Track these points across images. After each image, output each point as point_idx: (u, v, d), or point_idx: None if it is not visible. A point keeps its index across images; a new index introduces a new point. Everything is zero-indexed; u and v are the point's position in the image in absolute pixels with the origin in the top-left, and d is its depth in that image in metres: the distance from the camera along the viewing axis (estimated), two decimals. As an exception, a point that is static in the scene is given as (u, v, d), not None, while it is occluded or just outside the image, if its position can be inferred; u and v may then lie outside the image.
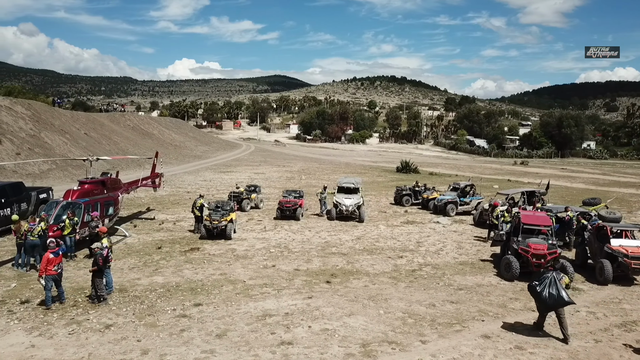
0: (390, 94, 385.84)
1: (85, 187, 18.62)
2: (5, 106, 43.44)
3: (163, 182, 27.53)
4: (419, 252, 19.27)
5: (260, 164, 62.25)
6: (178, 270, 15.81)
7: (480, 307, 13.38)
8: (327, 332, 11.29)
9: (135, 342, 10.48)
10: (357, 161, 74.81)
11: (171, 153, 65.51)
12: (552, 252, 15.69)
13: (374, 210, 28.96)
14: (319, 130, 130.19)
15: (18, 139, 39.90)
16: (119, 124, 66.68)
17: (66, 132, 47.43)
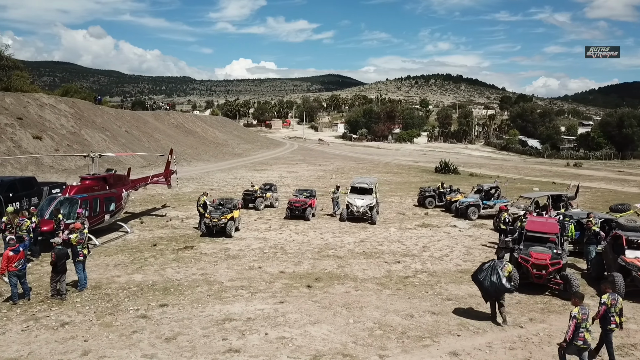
0: (445, 93, 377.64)
1: (86, 183, 18.88)
2: (50, 104, 45.54)
3: (176, 180, 27.69)
4: (421, 258, 18.25)
5: (297, 162, 62.14)
6: (161, 268, 15.67)
7: (463, 320, 12.35)
8: (282, 341, 10.70)
9: (82, 342, 10.31)
10: (398, 161, 73.30)
11: (212, 151, 66.65)
12: (554, 262, 14.32)
13: (392, 212, 27.98)
14: (365, 129, 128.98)
15: (58, 135, 41.67)
16: (162, 121, 68.55)
17: (107, 129, 49.14)
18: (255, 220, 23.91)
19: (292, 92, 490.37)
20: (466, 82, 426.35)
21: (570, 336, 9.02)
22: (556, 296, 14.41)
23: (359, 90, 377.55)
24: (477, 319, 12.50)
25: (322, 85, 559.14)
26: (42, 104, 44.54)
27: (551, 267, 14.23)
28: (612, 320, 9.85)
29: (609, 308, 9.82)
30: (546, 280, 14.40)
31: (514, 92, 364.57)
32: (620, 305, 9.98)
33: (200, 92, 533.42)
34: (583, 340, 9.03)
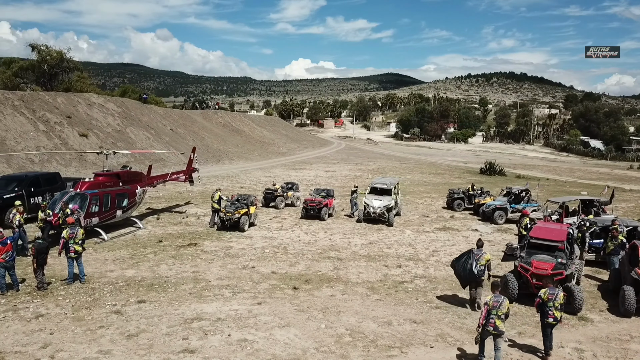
0: (507, 92, 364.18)
1: (99, 179, 19.50)
2: (99, 104, 47.74)
3: (199, 178, 28.11)
4: (426, 262, 17.48)
5: (339, 162, 61.79)
6: (156, 265, 15.87)
7: (444, 331, 11.65)
8: (242, 343, 10.48)
9: (47, 334, 10.55)
10: (446, 161, 71.30)
11: (256, 149, 67.57)
12: (556, 272, 13.23)
13: (416, 214, 27.09)
14: (418, 129, 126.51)
15: (104, 133, 43.60)
16: (210, 120, 70.24)
17: (152, 127, 50.90)
18: (271, 219, 23.85)
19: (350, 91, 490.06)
20: (530, 81, 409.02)
21: (482, 322, 9.66)
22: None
23: (416, 89, 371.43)
24: (459, 330, 11.76)
25: (380, 84, 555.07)
26: (91, 103, 46.76)
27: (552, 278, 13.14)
28: (550, 314, 10.15)
29: (546, 302, 10.18)
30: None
31: (582, 90, 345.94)
32: (560, 300, 10.22)
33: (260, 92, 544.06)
34: (494, 327, 9.56)
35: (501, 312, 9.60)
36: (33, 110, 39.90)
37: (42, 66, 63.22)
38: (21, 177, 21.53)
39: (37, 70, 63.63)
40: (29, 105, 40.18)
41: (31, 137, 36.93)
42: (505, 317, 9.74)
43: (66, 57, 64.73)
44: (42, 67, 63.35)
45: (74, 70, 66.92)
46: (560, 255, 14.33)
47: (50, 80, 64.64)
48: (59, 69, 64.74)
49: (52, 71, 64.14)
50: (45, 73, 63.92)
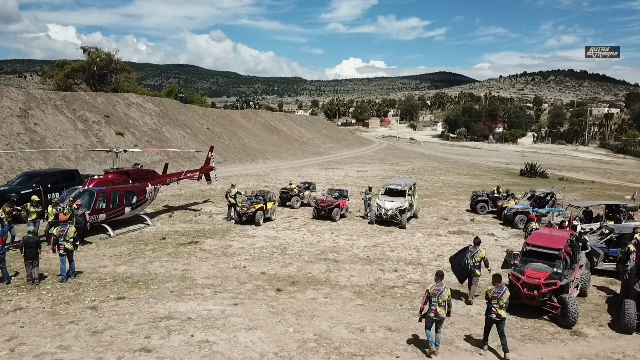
0: (565, 90, 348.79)
1: (109, 176, 20.02)
2: (137, 103, 49.31)
3: (215, 177, 28.38)
4: (426, 267, 16.82)
5: (374, 162, 61.02)
6: (150, 262, 16.07)
7: (418, 341, 11.10)
8: (202, 345, 10.38)
9: (18, 327, 10.84)
10: (489, 162, 68.97)
11: (293, 149, 67.84)
12: (549, 282, 12.35)
13: (435, 216, 26.23)
14: (464, 128, 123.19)
15: (140, 132, 44.98)
16: (249, 120, 71.14)
17: (188, 127, 52.07)
18: (282, 218, 23.74)
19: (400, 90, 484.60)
20: (591, 79, 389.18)
21: (422, 307, 10.48)
22: (554, 321, 12.45)
23: (468, 87, 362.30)
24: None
25: (431, 83, 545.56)
26: (130, 102, 48.36)
27: (544, 288, 12.30)
28: (493, 311, 10.46)
29: (491, 300, 10.53)
30: (539, 303, 12.49)
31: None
32: (505, 299, 10.45)
33: (309, 92, 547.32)
34: (435, 313, 10.30)
35: (442, 300, 10.25)
36: (73, 110, 41.69)
37: (92, 67, 66.08)
38: (40, 173, 22.48)
39: (87, 72, 66.61)
40: (70, 105, 42.01)
41: (69, 135, 38.59)
42: (446, 304, 10.40)
43: (114, 59, 67.50)
44: (91, 69, 66.23)
45: (121, 71, 69.65)
46: (560, 264, 13.41)
47: (99, 81, 67.52)
48: (107, 70, 67.55)
49: (101, 72, 66.93)
50: (94, 74, 66.82)
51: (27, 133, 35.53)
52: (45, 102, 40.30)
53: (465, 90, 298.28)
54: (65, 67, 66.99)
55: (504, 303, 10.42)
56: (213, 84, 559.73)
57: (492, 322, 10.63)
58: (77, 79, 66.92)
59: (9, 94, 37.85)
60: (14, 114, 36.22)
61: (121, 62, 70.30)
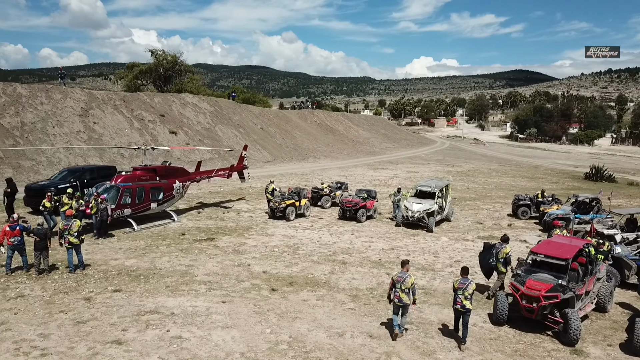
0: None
1: (136, 173, 20.83)
2: (193, 103, 51.11)
3: (248, 175, 28.70)
4: (438, 273, 16.06)
5: (429, 162, 59.45)
6: (160, 257, 16.49)
7: (395, 349, 10.63)
8: (174, 340, 10.50)
9: (12, 314, 11.47)
10: (555, 164, 65.13)
11: (347, 149, 67.56)
12: (550, 295, 11.35)
13: (471, 220, 25.05)
14: (535, 129, 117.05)
15: (192, 131, 46.59)
16: (306, 120, 71.66)
17: (241, 126, 53.26)
18: (308, 218, 23.65)
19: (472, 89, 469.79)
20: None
21: (389, 292, 11.11)
22: (557, 338, 11.45)
23: (545, 86, 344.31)
24: (414, 350, 10.64)
25: (506, 81, 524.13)
26: (185, 102, 50.22)
27: (544, 301, 11.33)
28: (458, 301, 10.76)
29: (457, 290, 10.84)
30: (539, 316, 11.53)
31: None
32: (470, 291, 10.73)
33: (378, 91, 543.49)
34: (398, 299, 10.86)
35: (404, 287, 10.81)
36: (131, 109, 43.92)
37: (159, 69, 69.42)
38: (79, 169, 23.81)
39: (153, 73, 70.09)
40: (128, 105, 44.30)
41: (125, 133, 40.69)
42: (410, 291, 10.89)
43: (179, 61, 70.54)
44: (158, 70, 69.58)
45: (186, 72, 72.67)
46: (570, 275, 12.33)
47: (165, 82, 70.88)
48: (172, 72, 70.74)
49: (167, 74, 70.20)
50: (160, 76, 70.19)
51: (86, 131, 37.84)
52: (106, 102, 42.72)
53: (542, 88, 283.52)
54: (134, 69, 70.87)
55: (469, 294, 10.71)
56: (283, 85, 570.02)
57: (458, 313, 10.92)
58: (144, 80, 70.68)
59: (73, 95, 40.50)
60: (76, 113, 38.70)
61: (185, 64, 73.24)
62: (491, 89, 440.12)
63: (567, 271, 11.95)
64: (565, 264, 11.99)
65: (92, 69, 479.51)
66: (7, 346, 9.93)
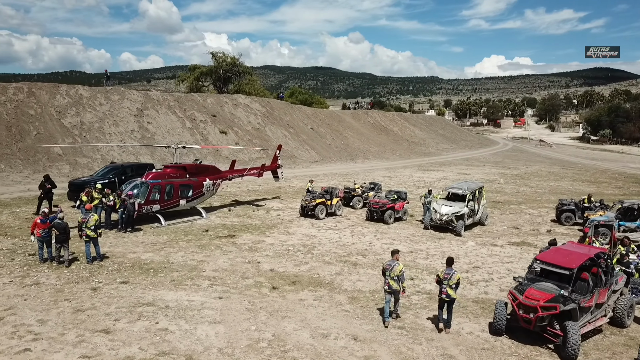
0: None
1: (167, 170, 21.65)
2: (244, 104, 52.34)
3: (282, 174, 28.90)
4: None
5: (485, 164, 57.35)
6: (176, 251, 17.01)
7: (377, 354, 10.38)
8: (159, 332, 10.81)
9: (22, 300, 12.29)
10: (625, 168, 60.71)
11: (400, 149, 66.55)
12: (548, 306, 10.61)
13: (507, 225, 23.92)
14: (609, 130, 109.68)
15: (243, 131, 47.71)
16: (359, 120, 71.34)
17: (291, 126, 53.87)
18: (334, 218, 23.56)
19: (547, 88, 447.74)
20: None
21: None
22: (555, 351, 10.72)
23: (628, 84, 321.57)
24: (397, 355, 10.33)
25: (584, 80, 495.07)
26: (237, 103, 51.52)
27: (541, 312, 10.61)
28: (444, 291, 11.27)
29: (442, 280, 11.36)
30: (538, 328, 10.82)
31: None
32: (454, 280, 11.22)
33: (446, 91, 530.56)
34: (388, 286, 11.61)
35: (393, 274, 11.52)
36: (184, 110, 45.69)
37: (218, 71, 71.76)
38: (119, 166, 25.06)
39: (214, 75, 72.54)
40: (182, 105, 46.12)
41: (177, 132, 42.38)
42: (398, 278, 11.63)
43: (237, 63, 72.56)
44: (218, 72, 71.92)
45: (244, 74, 74.59)
46: (580, 286, 11.50)
47: (224, 83, 73.18)
48: (231, 73, 72.89)
49: (226, 75, 72.43)
50: (220, 77, 72.53)
51: (140, 130, 39.79)
52: (161, 102, 44.72)
53: (623, 87, 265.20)
54: (196, 70, 73.66)
55: (453, 284, 11.20)
56: (349, 86, 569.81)
57: (443, 302, 11.36)
58: (205, 82, 73.30)
59: (129, 96, 42.73)
60: (131, 114, 40.81)
61: (244, 66, 75.18)
62: (567, 88, 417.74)
63: (571, 281, 11.11)
64: (570, 273, 11.15)
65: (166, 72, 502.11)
66: (6, 329, 10.64)
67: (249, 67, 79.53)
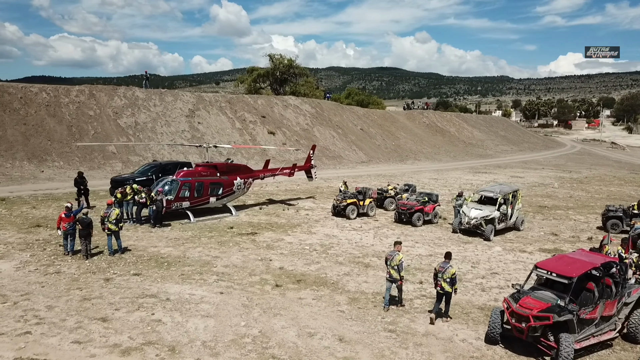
0: None
1: (198, 169, 22.41)
2: (294, 105, 53.01)
3: (315, 174, 28.96)
4: (462, 284, 14.92)
5: (544, 167, 54.68)
6: (194, 247, 17.56)
7: (358, 355, 10.27)
8: (152, 324, 11.25)
9: (39, 287, 13.21)
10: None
11: (456, 150, 64.77)
12: (541, 316, 10.04)
13: (545, 231, 22.75)
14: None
15: (290, 131, 48.35)
16: (414, 121, 70.17)
17: (340, 127, 53.91)
18: (362, 219, 23.42)
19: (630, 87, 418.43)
20: None
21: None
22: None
23: None
24: (375, 357, 10.19)
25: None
26: (287, 104, 52.26)
27: (533, 321, 10.06)
28: (439, 284, 11.77)
29: (437, 273, 11.84)
30: (530, 338, 10.27)
31: None
32: (448, 274, 11.63)
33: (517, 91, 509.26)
34: (389, 275, 12.47)
35: (393, 264, 12.32)
36: (235, 111, 46.99)
37: (275, 73, 73.22)
38: (156, 165, 26.23)
39: (271, 77, 74.09)
40: (232, 106, 47.46)
41: (226, 133, 43.68)
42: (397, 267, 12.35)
43: (294, 64, 73.65)
44: (274, 74, 73.40)
45: (300, 75, 75.58)
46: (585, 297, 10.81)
47: (281, 84, 74.54)
48: (287, 75, 74.13)
49: (282, 77, 73.77)
50: (277, 79, 73.96)
51: (190, 130, 41.37)
52: (213, 103, 46.26)
53: None
54: (253, 72, 75.52)
55: (447, 277, 11.59)
56: (414, 86, 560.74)
57: (439, 294, 11.85)
58: (262, 83, 74.98)
59: (182, 97, 44.54)
60: (183, 114, 42.52)
61: (300, 67, 76.21)
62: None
63: (569, 291, 10.42)
64: (569, 282, 10.46)
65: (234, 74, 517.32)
66: (16, 313, 11.50)
67: (306, 69, 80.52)
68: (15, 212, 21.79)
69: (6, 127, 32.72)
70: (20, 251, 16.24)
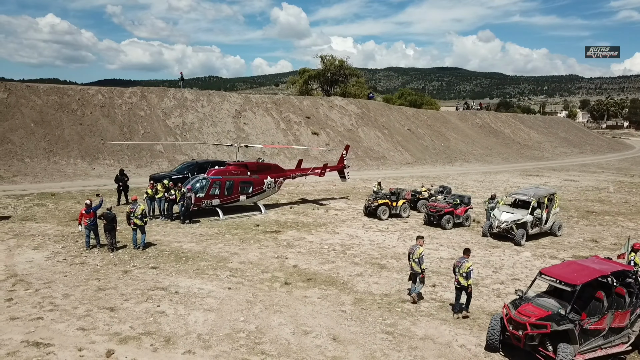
0: None
1: (229, 168, 22.95)
2: (340, 106, 53.02)
3: (348, 174, 28.77)
4: (477, 289, 14.44)
5: (604, 171, 51.64)
6: (216, 243, 18.02)
7: (348, 356, 10.22)
8: (154, 315, 11.69)
9: (62, 276, 14.03)
10: None
11: (509, 152, 62.41)
12: (539, 324, 9.56)
13: (586, 238, 21.57)
14: None
15: (334, 132, 48.40)
16: (466, 121, 68.26)
17: (386, 127, 53.35)
18: (391, 220, 23.13)
19: None
20: None
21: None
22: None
23: None
24: (366, 358, 10.08)
25: None
26: (333, 105, 52.35)
27: (530, 329, 9.61)
28: (455, 278, 12.19)
29: (454, 269, 12.24)
30: (528, 347, 9.81)
31: None
32: (465, 270, 11.89)
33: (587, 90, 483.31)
34: (411, 268, 12.99)
35: (414, 257, 12.78)
36: (280, 112, 47.66)
37: (326, 74, 73.68)
38: (192, 163, 27.06)
39: (321, 78, 74.61)
40: (278, 107, 48.16)
41: (271, 133, 44.39)
42: (419, 260, 12.81)
43: (344, 65, 73.75)
44: (325, 75, 73.87)
45: (351, 76, 75.55)
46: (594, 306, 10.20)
47: (331, 85, 74.85)
48: (338, 76, 74.36)
49: (333, 78, 74.12)
50: (327, 80, 74.38)
51: (235, 130, 42.38)
52: (259, 104, 47.16)
53: None
54: (305, 74, 76.27)
55: (463, 272, 11.91)
56: (476, 86, 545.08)
57: (457, 289, 12.21)
58: (313, 84, 75.60)
59: (230, 99, 45.71)
60: (229, 115, 43.63)
61: (351, 68, 76.20)
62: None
63: (572, 299, 9.84)
64: (572, 290, 9.88)
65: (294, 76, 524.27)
66: (35, 299, 12.29)
67: (355, 69, 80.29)
68: (61, 207, 23.19)
69: (64, 127, 34.87)
70: (55, 242, 17.29)
